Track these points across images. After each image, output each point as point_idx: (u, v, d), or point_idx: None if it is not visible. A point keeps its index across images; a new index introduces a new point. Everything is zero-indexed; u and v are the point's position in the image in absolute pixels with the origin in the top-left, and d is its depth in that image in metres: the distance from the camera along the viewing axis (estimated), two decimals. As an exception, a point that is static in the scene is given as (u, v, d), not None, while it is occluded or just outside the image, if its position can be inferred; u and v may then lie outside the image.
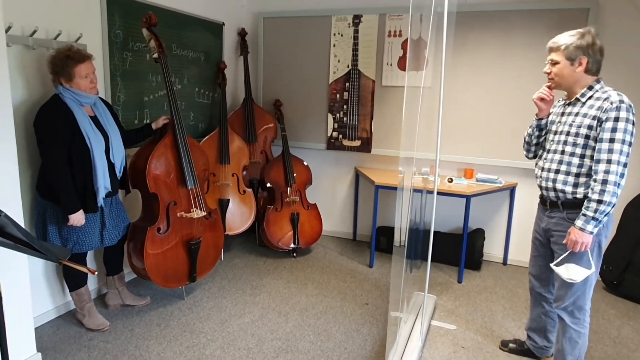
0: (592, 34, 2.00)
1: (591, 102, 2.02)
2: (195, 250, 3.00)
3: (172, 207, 2.90)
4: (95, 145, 2.46)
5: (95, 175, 2.49)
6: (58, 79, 2.42)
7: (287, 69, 4.39)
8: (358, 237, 4.48)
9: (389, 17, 3.93)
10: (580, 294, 2.12)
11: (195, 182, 2.96)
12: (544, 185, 2.19)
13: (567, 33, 2.04)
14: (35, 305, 2.60)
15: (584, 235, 1.98)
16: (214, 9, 4.02)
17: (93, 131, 2.48)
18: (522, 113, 3.63)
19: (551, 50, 2.10)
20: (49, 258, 1.57)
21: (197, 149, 3.10)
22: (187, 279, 3.04)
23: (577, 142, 2.04)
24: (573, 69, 2.03)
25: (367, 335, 2.78)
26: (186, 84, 3.74)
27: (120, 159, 2.66)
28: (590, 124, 1.99)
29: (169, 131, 2.90)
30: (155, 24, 2.89)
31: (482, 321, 2.99)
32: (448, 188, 3.53)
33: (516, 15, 3.55)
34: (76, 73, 2.40)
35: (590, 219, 1.96)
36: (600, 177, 1.93)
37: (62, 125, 2.37)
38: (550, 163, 2.15)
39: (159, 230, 2.84)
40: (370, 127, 4.15)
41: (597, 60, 2.02)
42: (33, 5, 2.50)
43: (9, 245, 1.45)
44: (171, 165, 2.89)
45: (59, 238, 2.53)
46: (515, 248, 3.93)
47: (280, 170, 4.02)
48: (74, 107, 2.42)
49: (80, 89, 2.43)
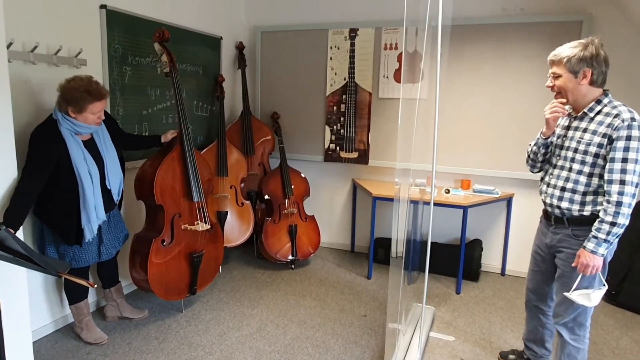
0: (595, 45, 1.91)
1: (600, 118, 1.93)
2: (198, 263, 3.02)
3: (177, 219, 2.91)
4: (86, 181, 2.41)
5: (86, 211, 2.43)
6: (65, 106, 2.36)
7: (285, 81, 4.43)
8: (356, 249, 4.49)
9: (384, 31, 3.98)
10: (582, 311, 2.06)
11: (201, 195, 2.98)
12: (549, 201, 2.12)
13: (569, 44, 1.96)
14: (33, 318, 2.59)
15: (595, 258, 1.89)
16: (212, 24, 4.07)
17: (85, 164, 2.42)
18: (518, 124, 3.67)
19: (552, 64, 2.01)
20: (49, 272, 1.58)
21: (204, 162, 3.14)
22: (187, 291, 3.04)
23: (585, 161, 1.96)
24: (577, 82, 1.94)
25: (366, 347, 2.77)
26: (185, 97, 3.77)
27: (117, 183, 2.64)
28: (601, 142, 1.90)
29: (177, 144, 2.91)
30: (168, 39, 2.88)
31: (480, 332, 2.99)
32: (445, 199, 3.55)
33: (511, 28, 3.61)
34: (89, 109, 2.38)
35: (602, 242, 1.88)
36: (614, 198, 1.85)
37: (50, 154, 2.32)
38: (557, 180, 2.08)
39: (163, 242, 2.86)
40: (367, 139, 4.18)
41: (602, 71, 1.92)
42: (34, 21, 2.53)
43: (8, 259, 1.46)
44: (178, 177, 2.91)
45: (56, 253, 2.54)
46: (513, 259, 3.94)
47: (278, 183, 4.04)
48: (69, 138, 2.37)
49: (87, 123, 2.41)
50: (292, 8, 4.33)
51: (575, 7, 3.45)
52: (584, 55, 1.90)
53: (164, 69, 2.93)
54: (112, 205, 2.68)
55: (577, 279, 1.99)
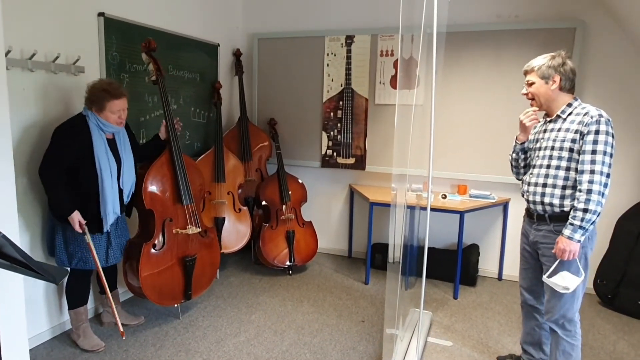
0: (562, 56, 2.14)
1: (572, 118, 2.12)
2: (191, 267, 3.01)
3: (168, 224, 2.92)
4: (105, 171, 2.55)
5: (103, 201, 2.56)
6: (90, 105, 2.54)
7: (282, 88, 4.45)
8: (353, 254, 4.49)
9: (380, 38, 4.01)
10: (569, 306, 2.16)
11: (190, 199, 2.99)
12: (532, 199, 2.24)
13: (540, 56, 2.19)
14: (30, 326, 2.58)
15: (572, 244, 2.04)
16: (210, 31, 4.10)
17: (106, 156, 2.57)
18: (513, 130, 3.66)
19: (526, 73, 2.23)
20: (46, 279, 1.57)
21: (194, 168, 3.15)
22: (182, 296, 3.03)
23: (561, 156, 2.12)
24: (548, 87, 2.15)
25: (364, 353, 2.77)
26: (182, 103, 3.78)
27: (129, 185, 2.74)
28: (574, 138, 2.08)
29: (166, 149, 2.96)
30: (154, 49, 2.97)
31: (478, 337, 2.99)
32: (442, 204, 3.57)
33: (506, 34, 3.65)
34: (108, 107, 2.53)
35: (577, 228, 2.02)
36: (585, 187, 2.01)
37: (75, 144, 2.47)
38: (537, 177, 2.22)
39: (155, 247, 2.86)
40: (364, 145, 4.20)
41: (569, 78, 2.14)
42: (32, 29, 2.55)
43: (5, 265, 1.46)
44: (168, 182, 2.93)
45: (65, 253, 2.60)
46: (510, 263, 3.96)
47: (276, 188, 4.05)
48: (94, 131, 2.53)
49: (108, 121, 2.56)
50: (289, 15, 4.36)
51: (569, 14, 3.49)
52: (552, 63, 2.14)
53: (151, 77, 3.02)
54: (122, 207, 2.73)
55: (554, 264, 2.12)
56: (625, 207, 3.51)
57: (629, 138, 3.47)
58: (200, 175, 3.22)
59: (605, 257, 3.50)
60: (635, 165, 3.51)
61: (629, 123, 3.46)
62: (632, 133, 3.47)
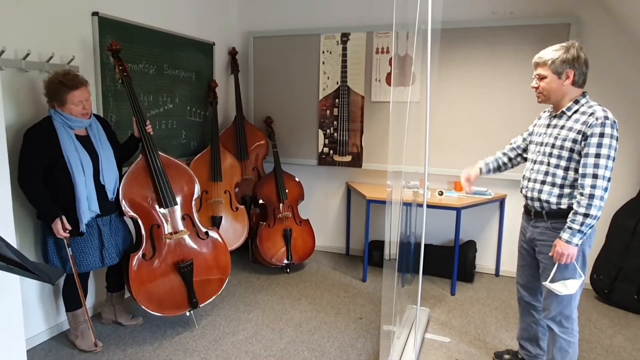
0: (576, 47, 2.05)
1: (577, 116, 2.06)
2: (188, 274, 2.86)
3: (156, 230, 2.81)
4: (76, 170, 2.45)
5: (78, 200, 2.47)
6: (52, 103, 2.45)
7: (278, 86, 4.45)
8: (351, 252, 4.50)
9: (376, 35, 4.01)
10: (567, 304, 2.15)
11: (172, 201, 2.85)
12: (530, 195, 2.24)
13: (551, 48, 2.09)
14: (27, 327, 2.58)
15: (570, 248, 2.02)
16: (205, 30, 4.09)
17: (77, 155, 2.47)
18: (509, 126, 3.70)
19: (537, 66, 2.13)
20: (42, 279, 1.57)
21: (175, 166, 2.97)
22: (187, 305, 2.90)
23: (561, 155, 2.09)
24: (561, 82, 2.07)
25: (362, 350, 2.78)
26: (178, 103, 3.78)
27: (112, 180, 2.64)
28: (575, 138, 2.03)
29: (141, 153, 2.83)
30: (119, 50, 2.86)
31: (475, 333, 3.00)
32: (439, 201, 3.57)
33: (501, 30, 3.65)
34: (68, 100, 2.42)
35: (576, 232, 2.00)
36: (587, 191, 1.97)
37: (44, 150, 2.40)
38: (537, 174, 2.20)
39: (145, 256, 2.75)
40: (360, 142, 4.20)
41: (583, 72, 2.07)
42: (26, 29, 2.54)
43: (1, 266, 1.46)
44: (148, 187, 2.80)
45: (58, 258, 2.56)
46: (507, 259, 3.97)
47: (272, 187, 4.05)
48: (61, 131, 2.43)
49: (72, 114, 2.46)
50: (284, 13, 4.35)
51: (564, 10, 3.50)
52: (566, 57, 2.04)
53: (118, 80, 2.93)
54: (109, 205, 2.65)
55: (554, 269, 2.11)
56: (620, 203, 3.52)
57: (624, 134, 3.49)
58: (185, 172, 3.01)
59: (601, 252, 3.52)
60: (631, 161, 3.52)
61: (624, 118, 3.47)
62: (627, 129, 3.49)
